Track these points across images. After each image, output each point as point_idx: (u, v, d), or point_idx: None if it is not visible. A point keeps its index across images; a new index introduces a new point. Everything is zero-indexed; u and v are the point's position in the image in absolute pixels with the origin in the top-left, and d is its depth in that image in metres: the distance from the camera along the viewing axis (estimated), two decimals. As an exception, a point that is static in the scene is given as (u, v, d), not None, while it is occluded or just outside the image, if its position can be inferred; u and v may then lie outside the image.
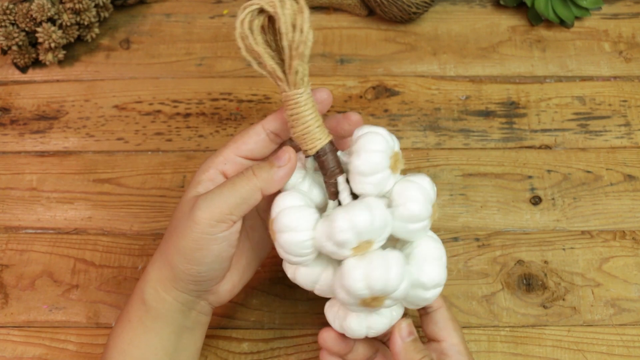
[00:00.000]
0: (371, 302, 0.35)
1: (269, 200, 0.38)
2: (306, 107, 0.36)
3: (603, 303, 0.47)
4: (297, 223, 0.35)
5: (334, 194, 0.37)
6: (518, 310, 0.47)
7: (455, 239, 0.50)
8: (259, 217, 0.42)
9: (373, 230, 0.34)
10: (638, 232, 0.50)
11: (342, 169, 0.37)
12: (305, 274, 0.38)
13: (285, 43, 0.35)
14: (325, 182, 0.38)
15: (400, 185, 0.37)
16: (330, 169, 0.37)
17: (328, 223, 0.35)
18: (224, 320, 0.47)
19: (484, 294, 0.48)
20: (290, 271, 0.38)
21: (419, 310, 0.42)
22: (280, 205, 0.36)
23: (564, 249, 0.50)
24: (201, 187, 0.38)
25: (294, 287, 0.49)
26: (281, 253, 0.37)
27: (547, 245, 0.50)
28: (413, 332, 0.38)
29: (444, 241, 0.50)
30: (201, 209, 0.36)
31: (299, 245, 0.35)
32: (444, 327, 0.40)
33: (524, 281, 0.48)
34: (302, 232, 0.35)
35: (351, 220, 0.34)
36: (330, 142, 0.37)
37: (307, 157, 0.38)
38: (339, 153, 0.38)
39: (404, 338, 0.37)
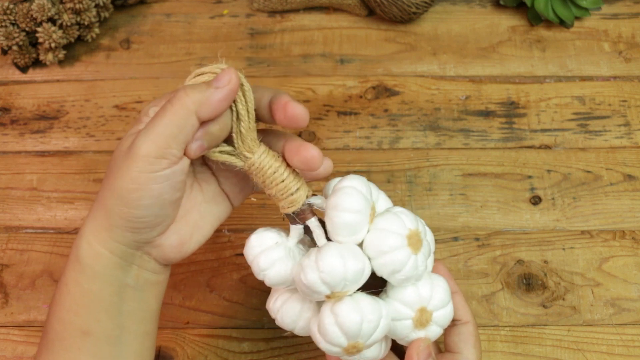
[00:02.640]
0: (351, 349, 0.34)
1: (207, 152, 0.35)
2: (271, 168, 0.35)
3: (603, 303, 0.47)
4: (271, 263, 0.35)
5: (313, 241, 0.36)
6: (518, 309, 0.47)
7: (455, 239, 0.50)
8: (209, 172, 0.38)
9: (344, 280, 0.33)
10: (638, 231, 0.50)
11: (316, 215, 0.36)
12: (288, 311, 0.36)
13: (239, 107, 0.34)
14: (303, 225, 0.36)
15: (371, 235, 0.35)
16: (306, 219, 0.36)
17: (299, 270, 0.33)
18: (223, 320, 0.48)
19: (484, 294, 0.48)
20: (274, 309, 0.37)
21: None
22: (254, 245, 0.36)
23: (563, 249, 0.50)
24: (141, 125, 0.35)
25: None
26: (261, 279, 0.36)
27: (547, 245, 0.50)
28: (431, 353, 0.37)
29: (443, 241, 0.50)
30: (138, 146, 0.32)
31: (282, 277, 0.35)
32: (465, 340, 0.39)
33: (524, 281, 0.48)
34: (280, 266, 0.35)
35: (320, 271, 0.33)
36: (306, 198, 0.36)
37: (286, 214, 0.36)
38: (314, 198, 0.36)
39: (421, 359, 0.36)
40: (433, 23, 0.62)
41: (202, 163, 0.38)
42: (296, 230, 0.36)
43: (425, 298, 0.35)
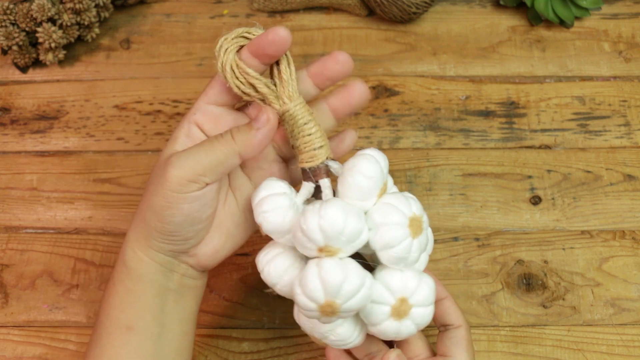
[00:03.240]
0: (326, 308, 0.33)
1: (255, 159, 0.38)
2: (303, 118, 0.36)
3: (603, 303, 0.47)
4: (277, 207, 0.36)
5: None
6: (518, 310, 0.47)
7: (455, 239, 0.50)
8: (245, 177, 0.40)
9: (341, 235, 0.33)
10: (638, 231, 0.50)
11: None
12: (274, 267, 0.36)
13: (282, 65, 0.37)
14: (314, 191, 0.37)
15: (377, 207, 0.35)
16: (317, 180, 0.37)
17: (300, 215, 0.34)
18: (224, 320, 0.48)
19: (484, 294, 0.48)
20: (263, 261, 0.37)
21: (439, 327, 0.41)
22: (261, 192, 0.37)
23: (563, 249, 0.50)
24: (178, 144, 0.37)
25: (294, 287, 0.49)
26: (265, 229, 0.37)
27: (547, 245, 0.50)
28: None
29: (443, 241, 0.50)
30: (174, 167, 0.35)
31: (279, 225, 0.36)
32: (457, 344, 0.39)
33: (524, 281, 0.48)
34: (281, 214, 0.35)
35: (321, 217, 0.33)
36: (326, 158, 0.37)
37: (303, 169, 0.37)
38: (331, 162, 0.37)
39: None
40: (433, 23, 0.62)
41: (241, 170, 0.40)
42: (307, 187, 0.37)
43: (409, 289, 0.35)
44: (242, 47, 0.37)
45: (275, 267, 0.36)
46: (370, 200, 0.35)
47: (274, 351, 0.46)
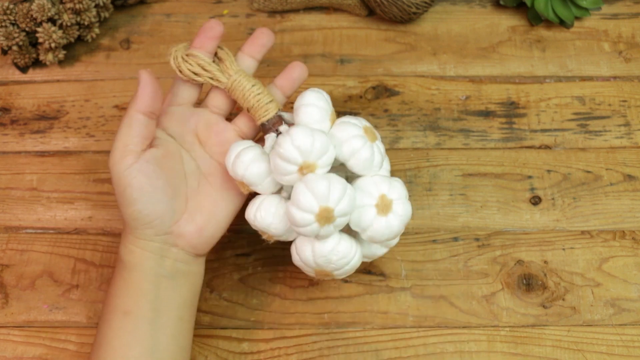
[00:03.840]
0: (322, 214, 0.38)
1: (219, 144, 0.44)
2: (249, 82, 0.43)
3: (603, 303, 0.47)
4: (252, 154, 0.41)
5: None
6: (518, 310, 0.47)
7: (455, 239, 0.50)
8: (213, 161, 0.44)
9: (314, 149, 0.38)
10: (638, 232, 0.50)
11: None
12: (265, 210, 0.41)
13: (220, 53, 0.45)
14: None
15: (334, 128, 0.41)
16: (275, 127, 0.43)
17: (275, 147, 0.39)
18: (224, 320, 0.48)
19: (484, 294, 0.48)
20: (253, 210, 0.41)
21: None
22: (235, 149, 0.41)
23: (563, 249, 0.50)
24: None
25: (293, 288, 0.49)
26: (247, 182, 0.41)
27: (546, 245, 0.50)
28: None
29: (443, 241, 0.50)
30: (110, 157, 0.40)
31: (261, 171, 0.40)
32: None
33: (524, 281, 0.48)
34: (258, 162, 0.41)
35: (292, 137, 0.38)
36: (278, 114, 0.43)
37: (262, 125, 0.43)
38: (283, 113, 0.43)
39: None
40: (433, 23, 0.62)
41: (210, 157, 0.44)
42: (270, 138, 0.42)
43: (384, 188, 0.40)
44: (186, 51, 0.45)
45: (264, 210, 0.41)
46: (324, 124, 0.41)
47: (274, 351, 0.46)
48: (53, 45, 0.57)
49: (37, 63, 0.60)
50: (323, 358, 0.46)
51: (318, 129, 0.40)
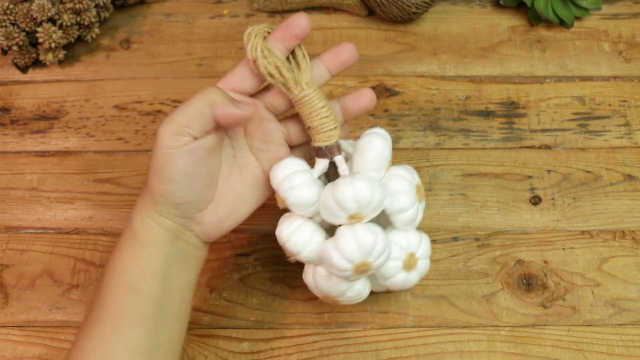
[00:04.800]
0: (360, 267, 0.38)
1: (264, 141, 0.42)
2: (320, 102, 0.40)
3: (603, 303, 0.47)
4: (302, 182, 0.40)
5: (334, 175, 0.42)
6: (518, 310, 0.47)
7: (455, 239, 0.50)
8: (252, 156, 0.43)
9: (371, 204, 0.38)
10: (638, 232, 0.50)
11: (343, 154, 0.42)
12: (300, 236, 0.40)
13: (298, 55, 0.41)
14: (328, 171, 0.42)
15: (388, 178, 0.41)
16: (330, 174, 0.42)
17: (333, 188, 0.38)
18: (224, 320, 0.48)
19: (484, 294, 0.48)
20: (287, 232, 0.41)
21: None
22: (285, 168, 0.41)
23: (563, 249, 0.50)
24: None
25: (294, 287, 0.49)
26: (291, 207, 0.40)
27: (547, 245, 0.50)
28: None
29: (443, 241, 0.50)
30: (162, 126, 0.38)
31: (307, 199, 0.40)
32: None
33: (524, 281, 0.48)
34: (307, 189, 0.40)
35: (355, 189, 0.38)
36: (330, 146, 0.41)
37: (318, 148, 0.41)
38: (341, 140, 0.42)
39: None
40: (433, 23, 0.62)
41: (249, 150, 0.43)
42: (322, 163, 0.41)
43: (414, 245, 0.41)
44: (266, 36, 0.41)
45: (300, 236, 0.40)
46: (382, 172, 0.40)
47: (274, 351, 0.46)
48: (53, 45, 0.57)
49: (37, 63, 0.60)
50: (323, 358, 0.46)
51: (377, 181, 0.39)
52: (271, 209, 0.52)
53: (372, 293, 0.44)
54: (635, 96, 0.57)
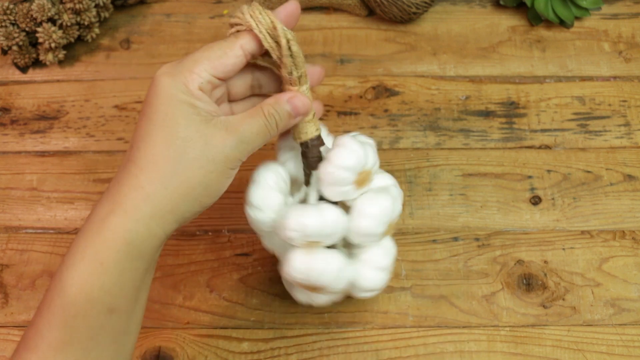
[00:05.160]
0: (312, 289, 0.39)
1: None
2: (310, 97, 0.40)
3: (603, 303, 0.47)
4: (263, 203, 0.40)
5: (307, 183, 0.41)
6: (518, 310, 0.47)
7: (455, 239, 0.50)
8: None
9: (320, 235, 0.38)
10: (638, 232, 0.50)
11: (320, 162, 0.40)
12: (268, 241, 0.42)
13: (273, 55, 0.38)
14: (304, 169, 0.41)
15: (361, 200, 0.39)
16: (310, 159, 0.40)
17: (282, 219, 0.38)
18: (223, 320, 0.48)
19: (484, 294, 0.48)
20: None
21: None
22: (257, 179, 0.40)
23: (563, 249, 0.50)
24: (201, 108, 0.36)
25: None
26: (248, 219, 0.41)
27: (547, 245, 0.50)
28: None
29: (443, 241, 0.50)
30: (239, 151, 0.37)
31: (261, 222, 0.40)
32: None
33: (524, 281, 0.48)
34: (265, 212, 0.40)
35: (301, 223, 0.37)
36: (318, 137, 0.40)
37: (309, 141, 0.40)
38: (322, 148, 0.40)
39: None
40: (433, 23, 0.62)
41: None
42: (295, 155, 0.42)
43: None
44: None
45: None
46: (347, 187, 0.39)
47: (274, 351, 0.46)
48: (53, 45, 0.57)
49: (37, 63, 0.60)
50: (323, 358, 0.46)
51: (331, 208, 0.39)
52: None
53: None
54: (635, 96, 0.57)
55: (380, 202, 0.39)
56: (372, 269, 0.41)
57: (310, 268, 0.38)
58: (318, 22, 0.62)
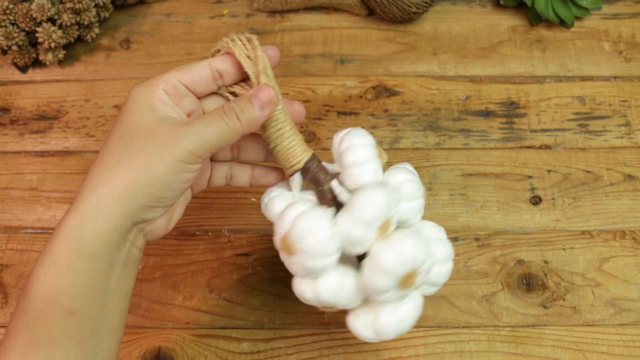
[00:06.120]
0: (407, 281, 0.34)
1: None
2: (286, 122, 0.38)
3: (603, 303, 0.47)
4: (315, 224, 0.34)
5: (330, 200, 0.37)
6: (518, 310, 0.47)
7: (455, 239, 0.50)
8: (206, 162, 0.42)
9: (390, 208, 0.34)
10: (638, 232, 0.50)
11: (331, 175, 0.38)
12: (329, 284, 0.35)
13: (250, 73, 0.38)
14: (319, 191, 0.38)
15: (393, 171, 0.39)
16: (321, 178, 0.38)
17: (350, 209, 0.34)
18: (223, 320, 0.48)
19: (484, 294, 0.48)
20: (310, 290, 0.36)
21: None
22: (290, 215, 0.35)
23: (564, 249, 0.50)
24: (160, 108, 0.37)
25: (294, 287, 0.49)
26: (304, 264, 0.35)
27: (547, 245, 0.50)
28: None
29: (444, 241, 0.50)
30: (187, 141, 0.36)
31: (325, 244, 0.34)
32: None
33: (524, 281, 0.48)
34: (323, 229, 0.34)
35: (371, 197, 0.34)
36: (313, 154, 0.38)
37: (293, 173, 0.38)
38: (324, 163, 0.38)
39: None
40: (433, 23, 0.62)
41: None
42: (297, 179, 0.39)
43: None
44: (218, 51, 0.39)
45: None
46: (375, 161, 0.37)
47: (274, 351, 0.46)
48: (53, 45, 0.57)
49: (36, 63, 0.60)
50: (323, 358, 0.46)
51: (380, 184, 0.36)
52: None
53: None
54: (636, 96, 0.57)
55: (404, 167, 0.39)
56: (437, 238, 0.39)
57: (402, 247, 0.34)
58: (318, 22, 0.62)
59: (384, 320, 0.36)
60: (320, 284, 0.36)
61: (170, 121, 0.37)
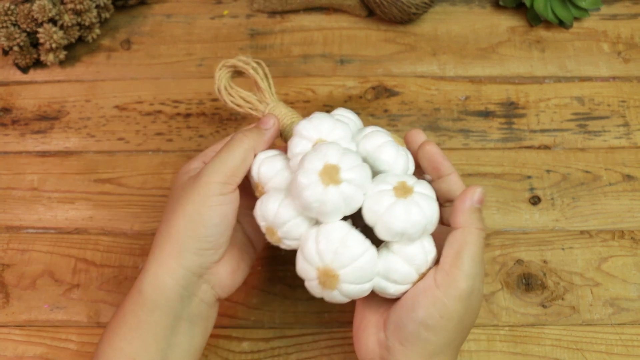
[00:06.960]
0: (327, 174, 0.36)
1: (245, 207, 0.41)
2: (283, 108, 0.44)
3: (602, 302, 0.48)
4: (274, 164, 0.40)
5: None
6: (517, 309, 0.47)
7: (455, 239, 0.50)
8: (248, 216, 0.43)
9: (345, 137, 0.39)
10: (637, 231, 0.50)
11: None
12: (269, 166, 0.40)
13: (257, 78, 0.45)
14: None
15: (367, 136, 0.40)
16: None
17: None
18: (224, 320, 0.48)
19: (484, 294, 0.48)
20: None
21: (443, 203, 0.40)
22: (259, 158, 0.41)
23: (563, 249, 0.50)
24: (195, 163, 0.42)
25: (294, 287, 0.49)
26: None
27: (546, 245, 0.50)
28: (483, 202, 0.37)
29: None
30: (207, 175, 0.38)
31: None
32: (458, 251, 0.36)
33: (523, 281, 0.49)
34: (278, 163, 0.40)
35: (316, 128, 0.39)
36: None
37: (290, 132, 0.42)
38: None
39: (474, 202, 0.37)
40: (433, 24, 0.62)
41: (245, 207, 0.42)
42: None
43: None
44: (234, 72, 0.46)
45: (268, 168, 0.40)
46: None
47: (274, 350, 0.46)
48: (54, 45, 0.58)
49: (38, 63, 0.61)
50: (323, 357, 0.46)
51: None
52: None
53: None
54: (635, 96, 0.57)
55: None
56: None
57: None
58: (318, 23, 0.62)
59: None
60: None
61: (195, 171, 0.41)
